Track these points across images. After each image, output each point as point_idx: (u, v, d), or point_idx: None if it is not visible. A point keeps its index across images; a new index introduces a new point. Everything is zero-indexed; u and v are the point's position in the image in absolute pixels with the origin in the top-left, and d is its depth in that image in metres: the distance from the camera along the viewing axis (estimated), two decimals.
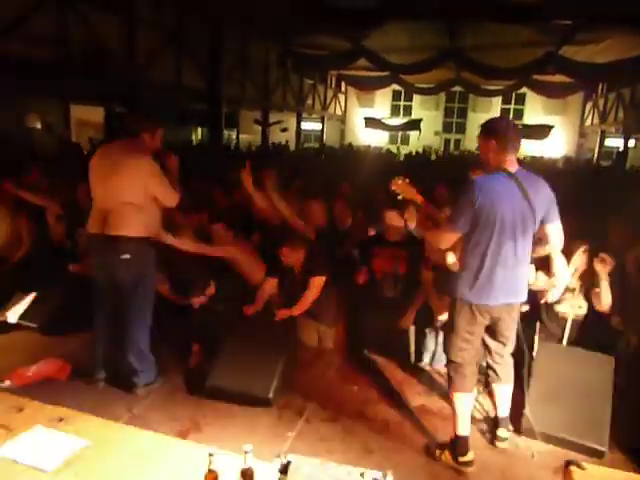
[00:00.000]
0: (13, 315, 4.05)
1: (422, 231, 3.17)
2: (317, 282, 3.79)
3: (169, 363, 3.61)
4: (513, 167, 2.48)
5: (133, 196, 3.01)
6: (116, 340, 3.21)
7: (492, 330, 2.68)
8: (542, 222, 2.53)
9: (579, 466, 1.46)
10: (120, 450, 2.09)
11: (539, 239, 2.61)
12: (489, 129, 2.52)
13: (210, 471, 1.75)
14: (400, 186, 2.88)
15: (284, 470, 1.77)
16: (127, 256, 3.01)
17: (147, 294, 3.18)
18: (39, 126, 14.14)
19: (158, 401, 3.22)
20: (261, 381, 3.16)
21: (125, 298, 3.13)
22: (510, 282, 2.51)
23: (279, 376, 3.19)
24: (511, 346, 2.78)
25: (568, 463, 1.51)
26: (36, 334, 3.96)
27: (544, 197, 2.50)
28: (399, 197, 2.91)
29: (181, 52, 12.52)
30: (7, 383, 3.20)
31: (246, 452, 1.75)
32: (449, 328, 2.70)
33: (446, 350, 2.73)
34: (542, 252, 2.69)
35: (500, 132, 2.48)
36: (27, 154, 8.72)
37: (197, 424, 2.97)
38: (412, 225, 2.94)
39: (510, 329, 2.69)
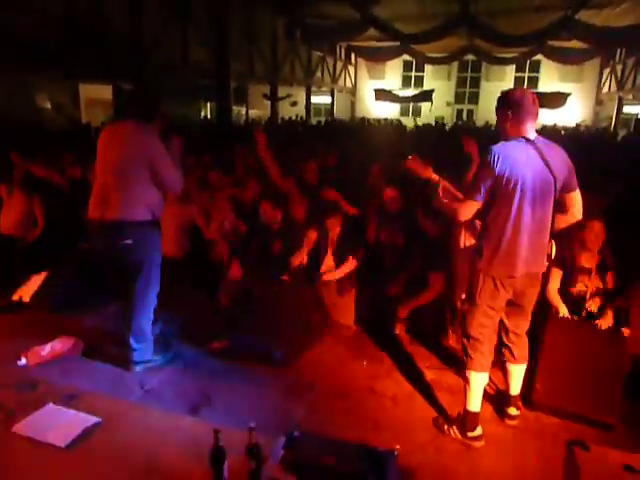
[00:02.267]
0: (27, 294, 4.11)
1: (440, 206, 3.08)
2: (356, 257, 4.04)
3: (189, 339, 3.70)
4: (531, 135, 2.44)
5: (137, 175, 2.96)
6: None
7: (512, 305, 2.63)
8: (562, 191, 2.48)
9: (583, 446, 1.44)
10: (130, 427, 2.13)
11: (560, 208, 2.53)
12: (504, 101, 2.48)
13: (216, 447, 1.77)
14: (413, 164, 2.83)
15: (290, 446, 1.79)
16: (129, 241, 2.97)
17: (150, 278, 3.15)
18: (49, 106, 14.16)
19: (171, 377, 3.28)
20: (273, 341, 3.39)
21: (129, 281, 3.13)
22: (532, 251, 2.46)
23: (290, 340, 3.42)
24: (528, 323, 2.75)
25: (572, 443, 1.48)
26: (49, 313, 4.03)
27: (563, 165, 2.46)
28: (414, 175, 2.85)
29: (187, 28, 12.35)
30: (23, 361, 3.27)
31: (251, 429, 1.76)
32: (470, 302, 2.63)
33: (465, 325, 2.66)
34: (563, 223, 2.62)
35: (515, 103, 2.43)
36: (37, 134, 8.78)
37: (209, 400, 3.02)
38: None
39: (531, 302, 2.66)
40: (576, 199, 2.53)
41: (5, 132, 7.62)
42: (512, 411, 2.84)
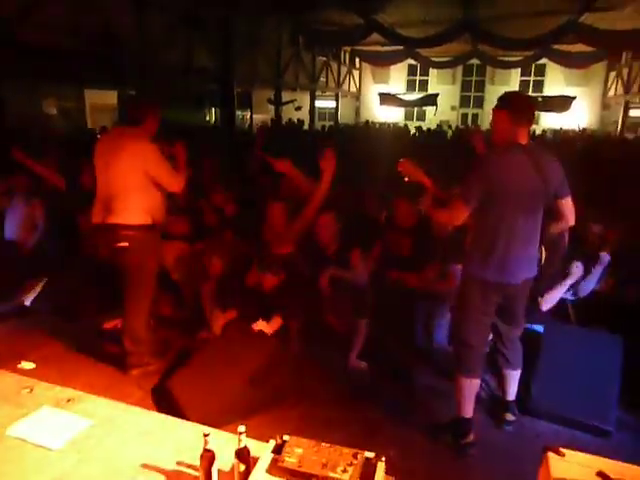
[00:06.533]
0: (28, 299, 4.16)
1: (430, 212, 3.11)
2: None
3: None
4: (524, 141, 2.45)
5: (133, 182, 3.01)
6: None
7: (503, 311, 2.63)
8: (554, 197, 2.49)
9: (557, 452, 1.44)
10: (123, 429, 2.14)
11: (553, 215, 2.55)
12: (504, 102, 2.49)
13: (206, 451, 1.78)
14: (406, 167, 2.84)
15: (278, 450, 1.79)
16: (125, 244, 3.04)
17: (145, 280, 3.20)
18: (55, 112, 14.32)
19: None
20: None
21: (125, 283, 3.19)
22: (523, 257, 2.47)
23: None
24: (521, 329, 2.75)
25: (546, 449, 1.48)
26: (49, 317, 4.07)
27: (555, 171, 2.47)
28: (405, 179, 2.86)
29: (191, 34, 12.46)
30: (22, 365, 3.31)
31: (240, 433, 1.77)
32: (460, 308, 2.64)
33: (456, 331, 2.67)
34: (555, 229, 2.63)
35: (513, 105, 2.44)
36: (43, 140, 8.89)
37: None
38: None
39: (521, 308, 2.66)
40: (568, 205, 2.53)
41: (13, 137, 7.72)
42: (508, 417, 2.83)
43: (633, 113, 21.78)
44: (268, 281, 3.64)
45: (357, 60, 26.37)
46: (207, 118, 20.50)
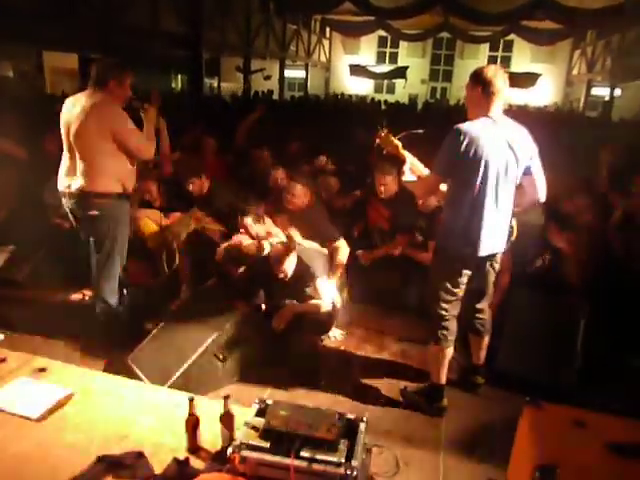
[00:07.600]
0: None
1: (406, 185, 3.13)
2: None
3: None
4: (498, 115, 2.47)
5: (101, 148, 2.90)
6: None
7: (474, 283, 2.69)
8: (526, 172, 2.53)
9: (536, 405, 1.52)
10: (102, 397, 2.14)
11: (523, 191, 2.60)
12: (477, 77, 2.49)
13: (191, 415, 1.81)
14: (384, 139, 2.84)
15: (261, 413, 1.83)
16: (95, 212, 2.97)
17: (114, 250, 3.14)
18: (11, 74, 13.58)
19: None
20: None
21: (95, 252, 3.14)
22: (494, 231, 2.51)
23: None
24: (490, 298, 2.84)
25: (526, 402, 1.57)
26: (17, 286, 3.96)
27: (527, 146, 2.51)
28: (384, 151, 2.86)
29: None
30: None
31: (225, 398, 1.81)
32: (433, 279, 2.69)
33: (429, 301, 2.73)
34: (526, 204, 2.69)
35: (486, 80, 2.45)
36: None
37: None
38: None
39: (491, 280, 2.74)
40: (539, 181, 2.57)
41: None
42: (479, 380, 2.96)
43: (595, 91, 22.29)
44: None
45: (327, 30, 25.89)
46: (173, 85, 19.87)
